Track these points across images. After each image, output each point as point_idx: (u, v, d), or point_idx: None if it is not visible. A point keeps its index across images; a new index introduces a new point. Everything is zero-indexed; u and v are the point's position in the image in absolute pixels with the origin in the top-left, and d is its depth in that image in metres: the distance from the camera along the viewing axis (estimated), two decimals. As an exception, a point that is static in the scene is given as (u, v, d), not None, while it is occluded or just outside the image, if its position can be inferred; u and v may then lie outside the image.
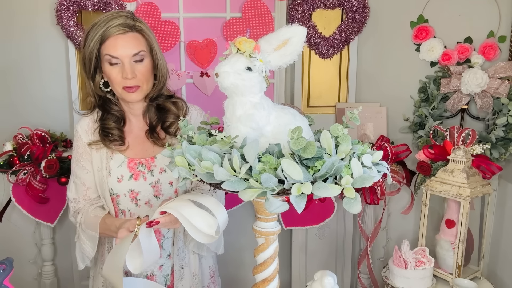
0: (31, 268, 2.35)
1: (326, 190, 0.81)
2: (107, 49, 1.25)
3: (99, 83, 1.34)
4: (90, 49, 1.26)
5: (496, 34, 1.97)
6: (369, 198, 1.92)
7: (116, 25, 1.23)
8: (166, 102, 1.40)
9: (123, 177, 1.37)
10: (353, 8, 2.02)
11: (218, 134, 0.94)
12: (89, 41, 1.26)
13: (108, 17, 1.25)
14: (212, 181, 0.87)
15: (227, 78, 0.94)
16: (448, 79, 1.99)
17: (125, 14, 1.27)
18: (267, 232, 1.01)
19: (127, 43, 1.25)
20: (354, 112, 0.93)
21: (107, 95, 1.37)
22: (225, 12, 2.09)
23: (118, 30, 1.24)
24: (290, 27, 0.96)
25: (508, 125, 1.88)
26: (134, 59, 1.27)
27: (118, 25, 1.24)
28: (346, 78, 2.13)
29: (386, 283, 1.71)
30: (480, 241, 1.88)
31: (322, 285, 1.10)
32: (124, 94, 1.30)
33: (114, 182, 1.37)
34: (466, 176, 1.62)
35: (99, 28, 1.24)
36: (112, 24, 1.23)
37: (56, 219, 2.17)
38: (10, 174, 2.00)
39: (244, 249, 1.65)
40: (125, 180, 1.37)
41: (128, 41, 1.25)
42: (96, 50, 1.26)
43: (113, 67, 1.27)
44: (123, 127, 1.40)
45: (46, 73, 2.21)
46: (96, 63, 1.29)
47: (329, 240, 2.22)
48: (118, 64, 1.26)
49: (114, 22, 1.23)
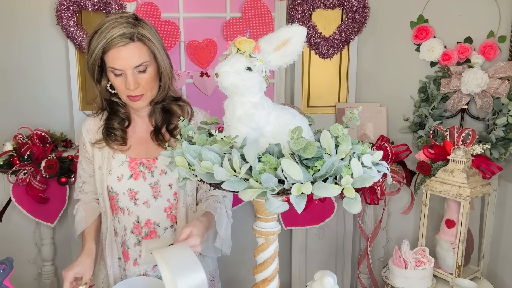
0: (31, 268, 2.35)
1: (326, 190, 0.81)
2: (110, 62, 1.26)
3: (105, 86, 1.35)
4: (93, 58, 1.27)
5: (496, 34, 1.97)
6: (369, 198, 1.92)
7: (117, 36, 1.22)
8: (172, 104, 1.41)
9: (123, 176, 1.38)
10: (353, 8, 2.02)
11: (218, 134, 0.94)
12: (91, 49, 1.26)
13: (109, 24, 1.23)
14: (212, 181, 0.87)
15: (227, 78, 0.94)
16: (448, 79, 1.99)
17: (127, 20, 1.24)
18: (267, 232, 1.01)
19: (128, 55, 1.24)
20: (354, 112, 0.93)
21: (113, 98, 1.38)
22: (225, 12, 2.09)
23: (119, 42, 1.22)
24: (290, 27, 0.96)
25: (508, 125, 1.88)
26: (137, 70, 1.27)
27: (119, 35, 1.22)
28: (346, 78, 2.13)
29: (386, 283, 1.71)
30: (480, 241, 1.88)
31: (322, 285, 1.10)
32: (129, 102, 1.33)
33: (113, 180, 1.38)
34: (466, 176, 1.62)
35: (101, 38, 1.23)
36: (114, 35, 1.21)
37: (56, 219, 2.17)
38: (10, 174, 2.00)
39: (244, 249, 1.65)
40: (125, 179, 1.38)
41: (130, 53, 1.24)
42: (99, 59, 1.27)
43: (117, 77, 1.28)
44: (127, 128, 1.42)
45: (46, 73, 2.21)
46: (101, 69, 1.30)
47: (329, 240, 2.22)
48: (122, 74, 1.27)
49: (116, 32, 1.21)
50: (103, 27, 1.23)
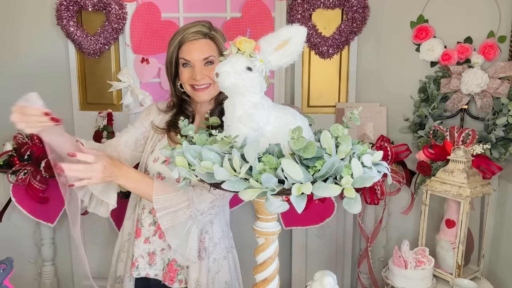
0: (31, 268, 2.36)
1: (326, 190, 0.81)
2: (182, 53, 1.41)
3: (178, 85, 1.48)
4: (170, 54, 1.42)
5: (496, 34, 1.97)
6: (369, 198, 1.92)
7: (192, 32, 1.38)
8: None
9: (158, 159, 1.47)
10: (353, 8, 2.02)
11: (218, 134, 0.94)
12: (170, 46, 1.42)
13: (187, 25, 1.41)
14: (212, 181, 0.87)
15: (227, 78, 0.94)
16: (448, 79, 1.99)
17: (203, 23, 1.41)
18: (267, 232, 1.01)
19: (199, 48, 1.39)
20: (354, 112, 0.93)
21: (183, 96, 1.50)
22: (225, 12, 2.09)
23: (192, 36, 1.39)
24: (290, 27, 0.96)
25: (508, 125, 1.88)
26: (205, 62, 1.39)
27: (193, 32, 1.38)
28: (346, 78, 2.13)
29: (386, 283, 1.71)
30: (480, 241, 1.88)
31: (322, 285, 1.10)
32: (193, 93, 1.43)
33: (150, 161, 1.48)
34: (466, 176, 1.62)
35: (178, 35, 1.41)
36: (189, 31, 1.39)
37: (56, 219, 2.17)
38: (10, 174, 2.00)
39: (244, 249, 1.65)
40: (159, 162, 1.46)
41: (200, 46, 1.39)
42: (175, 54, 1.42)
43: (185, 68, 1.41)
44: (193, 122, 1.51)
45: (46, 73, 2.21)
46: (176, 67, 1.44)
47: (329, 240, 2.22)
48: (190, 66, 1.40)
49: (191, 30, 1.39)
50: (181, 28, 1.42)
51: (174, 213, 1.32)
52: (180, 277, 1.45)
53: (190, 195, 1.33)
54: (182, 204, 1.32)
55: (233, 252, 1.60)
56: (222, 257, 1.51)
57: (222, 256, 1.51)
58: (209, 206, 1.36)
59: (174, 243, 1.33)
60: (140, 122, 1.55)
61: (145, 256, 1.48)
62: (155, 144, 1.50)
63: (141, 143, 1.54)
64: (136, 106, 2.17)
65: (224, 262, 1.51)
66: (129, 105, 2.18)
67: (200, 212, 1.35)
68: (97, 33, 2.11)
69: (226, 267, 1.52)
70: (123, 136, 1.53)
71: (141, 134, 1.54)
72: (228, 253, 1.55)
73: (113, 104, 2.21)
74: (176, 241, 1.33)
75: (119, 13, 2.06)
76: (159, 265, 1.48)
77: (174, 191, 1.32)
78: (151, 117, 1.54)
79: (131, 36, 2.11)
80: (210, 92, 1.42)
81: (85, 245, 2.33)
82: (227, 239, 1.57)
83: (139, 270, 1.48)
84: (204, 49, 1.39)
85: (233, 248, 1.61)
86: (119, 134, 1.55)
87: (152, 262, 1.48)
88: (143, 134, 1.54)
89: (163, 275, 1.48)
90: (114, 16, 2.06)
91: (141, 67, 2.14)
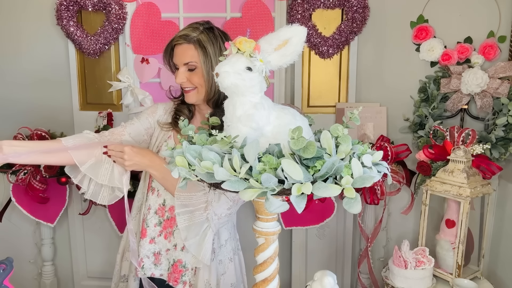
0: (31, 268, 2.36)
1: (326, 190, 0.81)
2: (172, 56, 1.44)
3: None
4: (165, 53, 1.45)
5: (496, 34, 1.97)
6: (369, 198, 1.92)
7: (178, 36, 1.39)
8: None
9: (164, 159, 1.45)
10: (353, 8, 2.02)
11: (218, 134, 0.94)
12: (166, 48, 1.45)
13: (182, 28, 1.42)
14: (212, 181, 0.87)
15: (227, 78, 0.94)
16: (448, 79, 1.99)
17: (195, 26, 1.39)
18: (267, 232, 1.01)
19: (180, 53, 1.39)
20: (354, 112, 0.93)
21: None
22: (225, 12, 2.09)
23: (176, 41, 1.39)
24: (290, 27, 0.96)
25: (508, 125, 1.88)
26: (187, 68, 1.39)
27: (179, 36, 1.39)
28: (346, 78, 2.13)
29: (386, 283, 1.71)
30: (480, 241, 1.88)
31: (322, 285, 1.10)
32: (184, 95, 1.45)
33: None
34: (466, 176, 1.62)
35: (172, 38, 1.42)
36: (177, 35, 1.39)
37: (56, 219, 2.17)
38: (10, 174, 2.00)
39: (244, 249, 1.65)
40: None
41: (182, 51, 1.39)
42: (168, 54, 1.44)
43: (176, 70, 1.43)
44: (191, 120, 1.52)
45: (46, 73, 2.21)
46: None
47: (329, 240, 2.22)
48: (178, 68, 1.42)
49: (179, 34, 1.39)
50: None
51: (192, 213, 1.35)
52: (184, 279, 1.46)
53: (210, 198, 1.35)
54: (200, 205, 1.34)
55: (239, 254, 1.61)
56: (228, 259, 1.51)
57: (228, 258, 1.51)
58: (226, 212, 1.39)
59: (188, 244, 1.35)
60: (146, 117, 1.55)
61: (150, 256, 1.49)
62: (161, 144, 1.51)
63: (144, 138, 1.54)
64: (136, 106, 2.17)
65: (230, 264, 1.51)
66: (129, 105, 2.18)
67: (218, 216, 1.37)
68: (97, 33, 2.11)
69: (232, 269, 1.52)
70: (128, 127, 1.53)
71: (145, 130, 1.54)
72: (234, 255, 1.55)
73: (113, 104, 2.21)
74: (191, 241, 1.35)
75: (119, 13, 2.06)
76: (164, 265, 1.49)
77: (195, 191, 1.34)
78: (156, 115, 1.55)
79: (131, 36, 2.11)
80: (195, 95, 1.41)
81: (86, 245, 2.34)
82: (234, 240, 1.57)
83: (144, 270, 1.48)
84: (185, 54, 1.38)
85: (239, 250, 1.61)
86: (124, 124, 1.55)
87: (158, 262, 1.49)
88: (147, 130, 1.54)
89: (168, 275, 1.48)
90: (114, 16, 2.06)
91: (141, 67, 2.14)
